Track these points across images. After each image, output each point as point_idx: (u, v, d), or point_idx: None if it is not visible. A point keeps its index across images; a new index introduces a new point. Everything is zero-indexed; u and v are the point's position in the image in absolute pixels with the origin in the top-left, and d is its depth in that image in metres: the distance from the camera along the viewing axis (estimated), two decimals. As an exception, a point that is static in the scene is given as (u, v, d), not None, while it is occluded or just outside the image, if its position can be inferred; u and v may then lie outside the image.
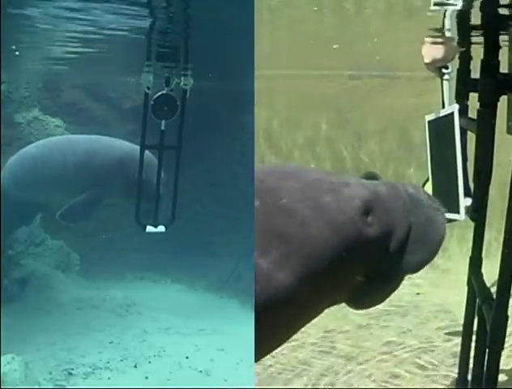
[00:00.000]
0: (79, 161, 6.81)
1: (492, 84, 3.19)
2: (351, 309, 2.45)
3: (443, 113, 3.68)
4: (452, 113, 3.48)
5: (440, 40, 4.00)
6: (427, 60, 3.90)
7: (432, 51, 3.93)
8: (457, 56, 4.08)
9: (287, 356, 5.55)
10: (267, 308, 2.20)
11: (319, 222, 2.31)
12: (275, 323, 2.26)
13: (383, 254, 2.48)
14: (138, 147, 6.04)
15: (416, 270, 2.57)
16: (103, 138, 7.11)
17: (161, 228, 6.22)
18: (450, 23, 3.72)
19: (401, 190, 2.58)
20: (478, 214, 3.32)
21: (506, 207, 3.32)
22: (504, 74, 3.36)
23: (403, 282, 2.56)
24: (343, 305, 2.41)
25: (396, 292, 2.49)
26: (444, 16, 3.52)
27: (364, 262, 2.44)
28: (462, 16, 3.44)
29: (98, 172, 6.80)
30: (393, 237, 2.49)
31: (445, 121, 3.59)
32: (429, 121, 3.95)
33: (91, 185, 6.77)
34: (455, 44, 4.08)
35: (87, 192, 6.78)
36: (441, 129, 3.68)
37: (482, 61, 3.24)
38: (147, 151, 6.20)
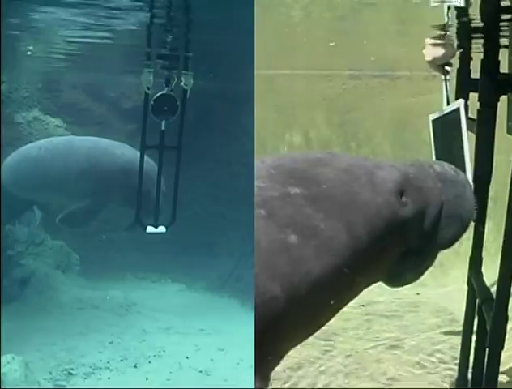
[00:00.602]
0: (81, 169, 6.81)
1: (492, 84, 3.19)
2: (350, 309, 2.47)
3: (447, 110, 3.66)
4: (457, 110, 3.47)
5: (440, 38, 4.00)
6: (428, 58, 3.90)
7: (432, 49, 3.92)
8: (457, 55, 4.07)
9: (287, 356, 5.55)
10: (317, 285, 2.24)
11: (358, 206, 2.38)
12: (323, 301, 2.32)
13: (418, 232, 2.57)
14: (140, 154, 6.04)
15: (449, 245, 2.70)
16: (105, 144, 7.05)
17: (162, 229, 6.23)
18: (449, 20, 3.72)
19: (429, 169, 2.65)
20: (478, 214, 3.31)
21: (506, 207, 3.33)
22: (504, 74, 3.36)
23: (403, 282, 2.58)
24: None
25: (396, 292, 2.51)
26: (447, 14, 3.51)
27: (401, 241, 2.52)
28: (462, 15, 3.44)
29: (99, 180, 6.80)
30: (426, 215, 2.59)
31: (450, 118, 3.59)
32: (433, 120, 3.93)
33: (91, 193, 6.79)
34: (455, 42, 4.07)
35: (87, 199, 6.81)
36: (446, 127, 3.67)
37: (482, 61, 3.24)
38: (148, 160, 6.21)
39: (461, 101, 3.51)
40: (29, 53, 6.91)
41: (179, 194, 6.24)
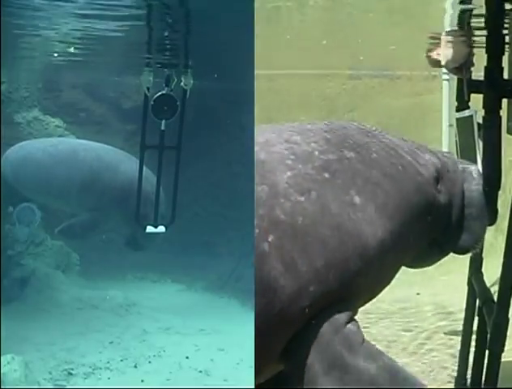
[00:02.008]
0: (83, 183, 6.83)
1: (496, 90, 3.19)
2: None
3: (468, 113, 3.67)
4: (471, 116, 3.50)
5: (450, 39, 3.99)
6: (442, 62, 3.91)
7: (444, 52, 3.93)
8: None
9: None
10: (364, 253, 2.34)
11: (403, 180, 2.50)
12: (386, 263, 2.43)
13: (446, 222, 2.70)
14: (140, 154, 6.04)
15: (470, 246, 2.84)
16: (110, 157, 7.01)
17: (161, 229, 6.23)
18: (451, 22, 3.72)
19: (459, 165, 2.82)
20: (490, 218, 3.33)
21: (509, 207, 3.33)
22: (507, 80, 3.36)
23: (403, 282, 2.60)
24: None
25: (396, 292, 2.53)
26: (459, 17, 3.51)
27: (433, 226, 2.63)
28: (465, 18, 3.44)
29: (99, 197, 6.82)
30: (454, 209, 2.73)
31: (467, 121, 3.61)
32: (457, 119, 3.92)
33: (91, 208, 6.81)
34: (466, 43, 4.05)
35: (86, 213, 6.84)
36: (465, 128, 3.67)
37: (485, 67, 3.24)
38: (147, 179, 6.21)
39: (473, 110, 3.54)
40: (29, 53, 6.91)
41: (179, 194, 6.24)
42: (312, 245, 2.22)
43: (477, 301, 3.95)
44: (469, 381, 3.99)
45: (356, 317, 2.41)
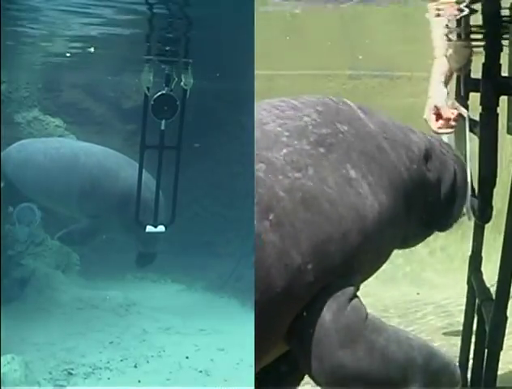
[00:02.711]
0: (83, 190, 6.83)
1: (494, 88, 3.19)
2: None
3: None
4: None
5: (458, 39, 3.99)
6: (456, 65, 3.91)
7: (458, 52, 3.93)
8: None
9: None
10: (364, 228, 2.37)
11: (396, 156, 2.54)
12: (385, 237, 2.46)
13: (435, 201, 2.75)
14: (140, 154, 6.04)
15: (452, 223, 2.94)
16: (111, 164, 6.98)
17: (161, 228, 6.24)
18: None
19: (445, 147, 2.90)
20: (485, 216, 3.33)
21: (507, 206, 3.33)
22: (505, 77, 3.36)
23: (404, 283, 2.60)
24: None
25: (396, 292, 2.53)
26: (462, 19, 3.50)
27: (423, 203, 2.68)
28: (463, 17, 3.43)
29: (99, 204, 6.83)
30: (442, 188, 2.79)
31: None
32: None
33: (90, 215, 6.83)
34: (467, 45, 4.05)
35: (86, 220, 6.86)
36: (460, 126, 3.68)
37: (483, 64, 3.24)
38: (146, 186, 6.23)
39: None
40: (29, 53, 6.91)
41: (179, 194, 6.24)
42: (312, 221, 2.24)
43: (476, 300, 3.95)
44: (469, 380, 3.99)
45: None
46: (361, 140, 2.46)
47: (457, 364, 2.48)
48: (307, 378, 2.56)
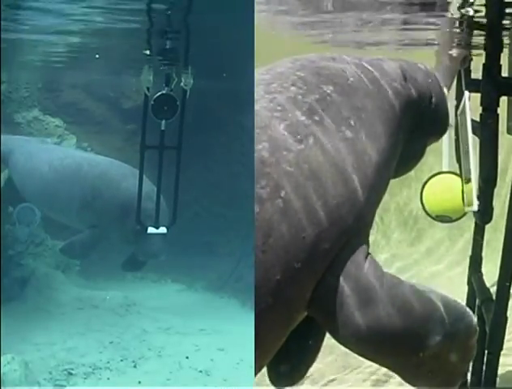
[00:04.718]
0: (84, 200, 6.85)
1: (494, 88, 3.19)
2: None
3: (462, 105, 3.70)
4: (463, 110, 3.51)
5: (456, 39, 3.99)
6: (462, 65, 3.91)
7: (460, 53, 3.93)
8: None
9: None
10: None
11: (381, 92, 2.60)
12: (382, 186, 2.52)
13: (418, 118, 2.80)
14: (140, 154, 6.04)
15: (436, 140, 3.02)
16: (113, 174, 6.99)
17: (163, 230, 6.25)
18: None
19: (420, 66, 2.94)
20: (486, 217, 3.32)
21: (507, 206, 3.33)
22: (506, 77, 3.36)
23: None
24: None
25: (396, 292, 2.53)
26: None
27: (409, 124, 2.72)
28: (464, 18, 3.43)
29: (99, 214, 6.85)
30: (422, 103, 2.83)
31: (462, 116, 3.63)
32: (456, 117, 3.93)
33: (91, 226, 6.85)
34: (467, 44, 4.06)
35: (87, 231, 6.87)
36: (462, 124, 3.68)
37: (484, 65, 3.24)
38: (147, 197, 6.24)
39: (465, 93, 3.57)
40: (29, 53, 6.91)
41: (179, 194, 6.25)
42: (323, 189, 2.27)
43: (477, 300, 3.95)
44: (469, 380, 3.99)
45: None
46: (347, 95, 2.50)
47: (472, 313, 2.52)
48: (306, 377, 2.58)
